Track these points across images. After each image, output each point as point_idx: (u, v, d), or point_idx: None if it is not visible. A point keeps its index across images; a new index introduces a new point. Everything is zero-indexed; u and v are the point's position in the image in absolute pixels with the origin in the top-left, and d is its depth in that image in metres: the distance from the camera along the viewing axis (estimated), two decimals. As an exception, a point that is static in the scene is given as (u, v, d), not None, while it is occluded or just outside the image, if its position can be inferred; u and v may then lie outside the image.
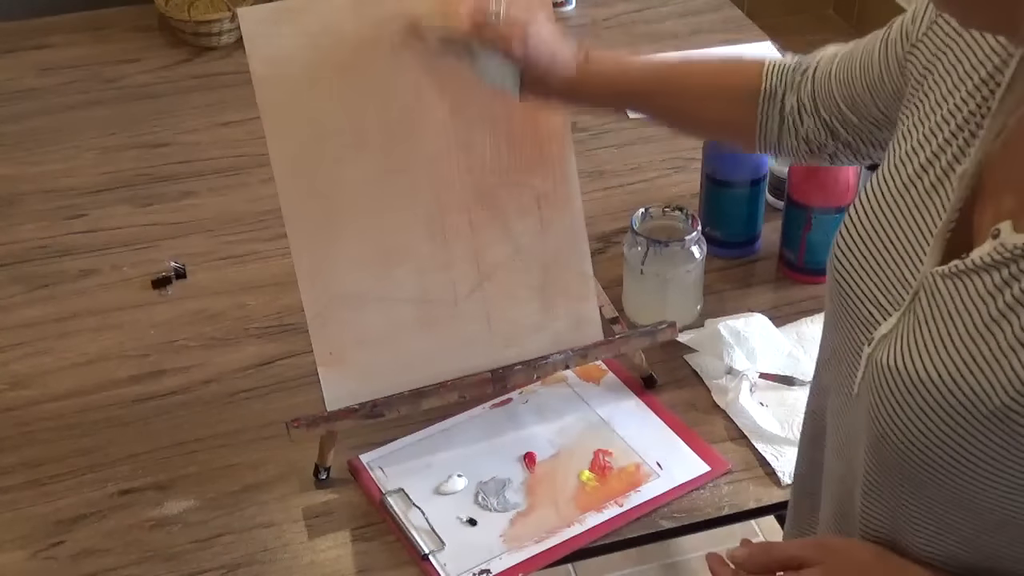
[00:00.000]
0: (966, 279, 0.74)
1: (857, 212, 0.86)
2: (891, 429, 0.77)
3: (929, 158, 0.81)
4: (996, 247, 0.72)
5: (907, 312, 0.78)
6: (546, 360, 1.28)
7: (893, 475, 0.80)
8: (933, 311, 0.75)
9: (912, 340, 0.76)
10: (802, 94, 1.04)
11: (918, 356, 0.75)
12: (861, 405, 0.82)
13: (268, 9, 1.17)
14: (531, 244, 1.28)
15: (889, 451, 0.78)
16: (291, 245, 1.21)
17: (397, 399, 1.24)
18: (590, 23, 2.21)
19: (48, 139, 1.88)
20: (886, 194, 0.83)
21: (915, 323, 0.77)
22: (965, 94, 0.80)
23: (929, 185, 0.80)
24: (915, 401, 0.74)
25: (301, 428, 1.21)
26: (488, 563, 1.16)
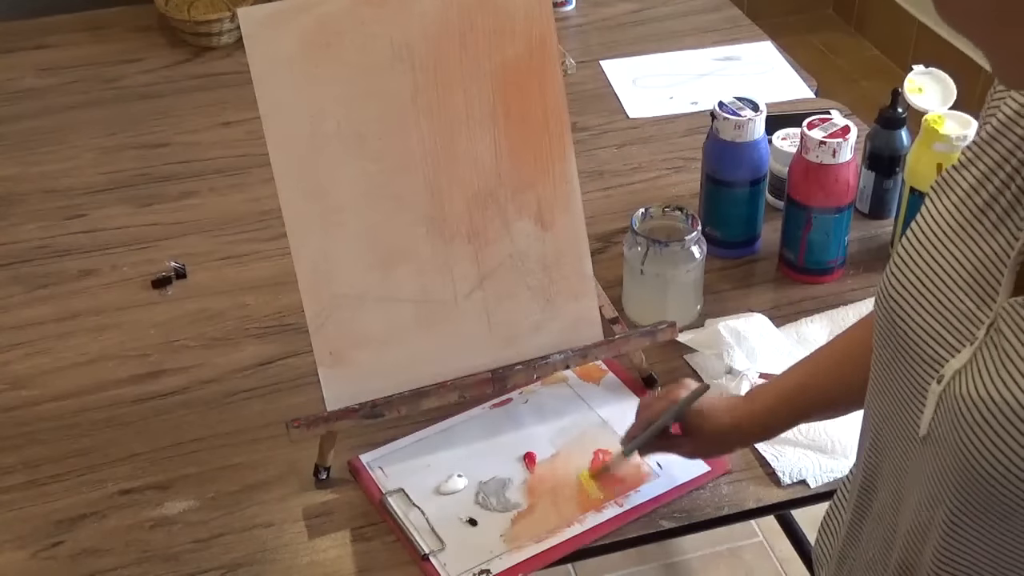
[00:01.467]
0: None
1: (913, 248, 0.84)
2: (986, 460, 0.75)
3: (994, 192, 0.80)
4: None
5: (983, 345, 0.76)
6: (546, 360, 1.28)
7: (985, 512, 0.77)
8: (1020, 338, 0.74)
9: (1001, 368, 0.74)
10: None
11: (1012, 382, 0.73)
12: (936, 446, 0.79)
13: (268, 9, 1.17)
14: (531, 244, 1.28)
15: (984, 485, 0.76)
16: (291, 245, 1.21)
17: (397, 399, 1.24)
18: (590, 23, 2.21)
19: (48, 139, 1.88)
20: (947, 231, 0.82)
21: (998, 354, 0.75)
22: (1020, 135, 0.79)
23: (997, 217, 0.79)
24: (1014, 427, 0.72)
25: (301, 428, 1.21)
26: (488, 563, 1.16)
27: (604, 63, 2.05)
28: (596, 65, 2.05)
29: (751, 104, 1.50)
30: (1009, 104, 0.81)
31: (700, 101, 1.91)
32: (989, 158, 0.81)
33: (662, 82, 1.99)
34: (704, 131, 1.58)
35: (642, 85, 1.99)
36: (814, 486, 1.23)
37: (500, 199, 1.26)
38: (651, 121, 1.89)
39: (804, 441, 1.27)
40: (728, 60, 2.06)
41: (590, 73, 2.03)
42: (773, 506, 1.24)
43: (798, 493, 1.23)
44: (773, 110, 1.58)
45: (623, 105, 1.94)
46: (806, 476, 1.24)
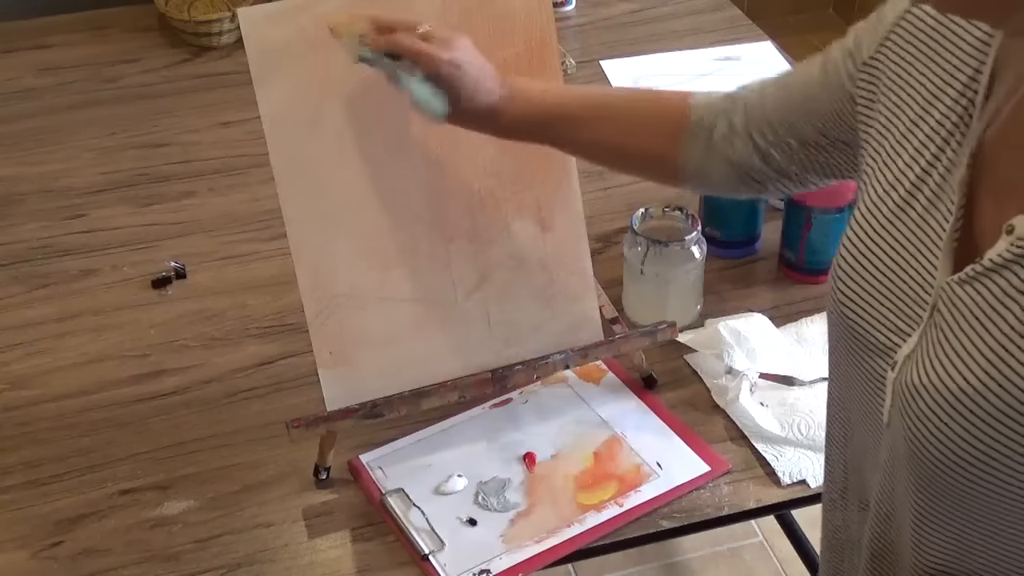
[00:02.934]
0: (987, 280, 0.72)
1: (853, 243, 0.85)
2: (936, 449, 0.74)
3: (921, 173, 0.80)
4: (1013, 242, 0.71)
5: (928, 328, 0.76)
6: (546, 360, 1.28)
7: (947, 499, 0.77)
8: (958, 320, 0.74)
9: (941, 354, 0.74)
10: (734, 120, 1.03)
11: (952, 368, 0.73)
12: (895, 434, 0.80)
13: (268, 9, 1.17)
14: (531, 244, 1.28)
15: (938, 474, 0.75)
16: (291, 245, 1.21)
17: (397, 399, 1.24)
18: (590, 23, 2.21)
19: (48, 139, 1.89)
20: (880, 218, 0.83)
21: (939, 336, 0.75)
22: (942, 110, 0.80)
23: (926, 201, 0.80)
24: (958, 414, 0.72)
25: (301, 428, 1.21)
26: (488, 563, 1.16)
27: (604, 63, 2.05)
28: (596, 65, 2.05)
29: (751, 104, 1.50)
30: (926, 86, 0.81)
31: (700, 101, 1.91)
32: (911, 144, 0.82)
33: (662, 82, 1.99)
34: (704, 131, 1.58)
35: (642, 85, 1.99)
36: (814, 486, 1.23)
37: (500, 199, 1.26)
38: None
39: (804, 441, 1.27)
40: (728, 60, 2.06)
41: (590, 73, 2.03)
42: (773, 506, 1.24)
43: (798, 493, 1.23)
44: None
45: (623, 105, 1.93)
46: (806, 476, 1.24)
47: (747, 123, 1.02)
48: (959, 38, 0.80)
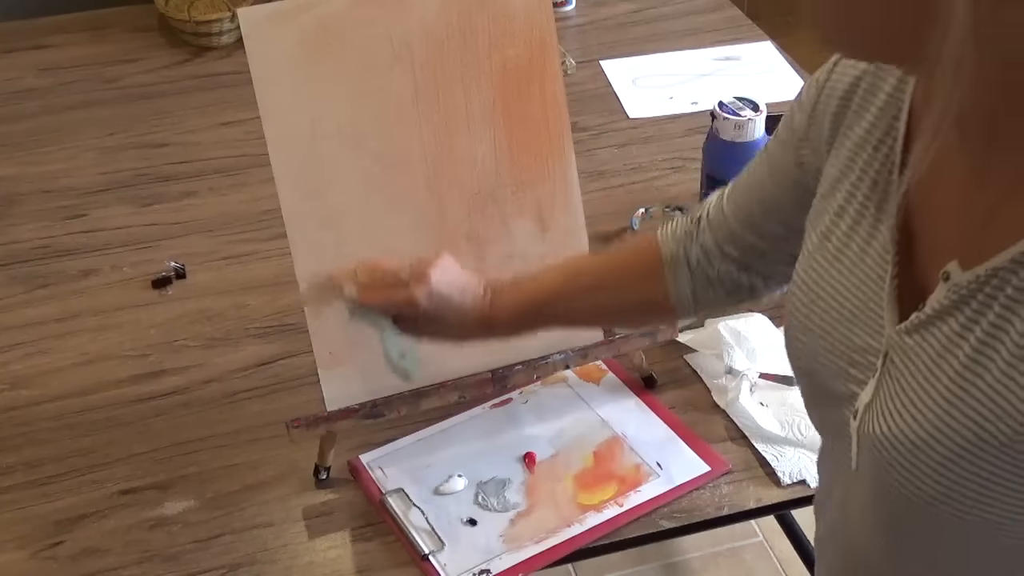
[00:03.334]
0: (932, 327, 0.73)
1: (798, 297, 0.85)
2: (902, 491, 0.75)
3: (851, 224, 0.81)
4: (950, 288, 0.71)
5: (883, 376, 0.77)
6: (546, 360, 1.28)
7: (915, 533, 0.78)
8: (910, 368, 0.74)
9: (898, 403, 0.75)
10: (704, 241, 1.04)
11: (910, 417, 0.74)
12: (866, 478, 0.80)
13: (268, 9, 1.17)
14: (531, 244, 1.28)
15: (905, 511, 0.76)
16: (291, 245, 1.21)
17: (397, 399, 1.24)
18: (590, 23, 2.21)
19: (48, 139, 1.88)
20: (820, 271, 0.83)
21: (895, 386, 0.75)
22: (866, 158, 0.80)
23: (859, 249, 0.80)
24: (920, 460, 0.73)
25: (301, 428, 1.21)
26: (488, 563, 1.16)
27: (604, 63, 2.05)
28: (596, 65, 2.05)
29: (751, 104, 1.50)
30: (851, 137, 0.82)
31: (700, 101, 1.91)
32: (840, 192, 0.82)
33: (662, 82, 1.99)
34: (704, 131, 1.58)
35: (642, 85, 1.99)
36: (814, 486, 1.23)
37: (500, 199, 1.26)
38: (651, 121, 1.89)
39: (804, 441, 1.27)
40: (728, 60, 2.06)
41: (590, 73, 2.03)
42: (773, 506, 1.24)
43: (798, 493, 1.23)
44: (773, 110, 1.58)
45: (623, 105, 1.94)
46: (806, 476, 1.24)
47: (716, 241, 1.02)
48: (877, 87, 0.81)
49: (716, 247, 1.03)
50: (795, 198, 0.91)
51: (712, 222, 1.03)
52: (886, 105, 0.80)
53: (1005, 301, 0.68)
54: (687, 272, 1.05)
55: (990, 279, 0.69)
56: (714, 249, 1.03)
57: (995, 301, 0.69)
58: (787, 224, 0.94)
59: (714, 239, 1.03)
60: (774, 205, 0.95)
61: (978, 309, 0.70)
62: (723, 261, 1.03)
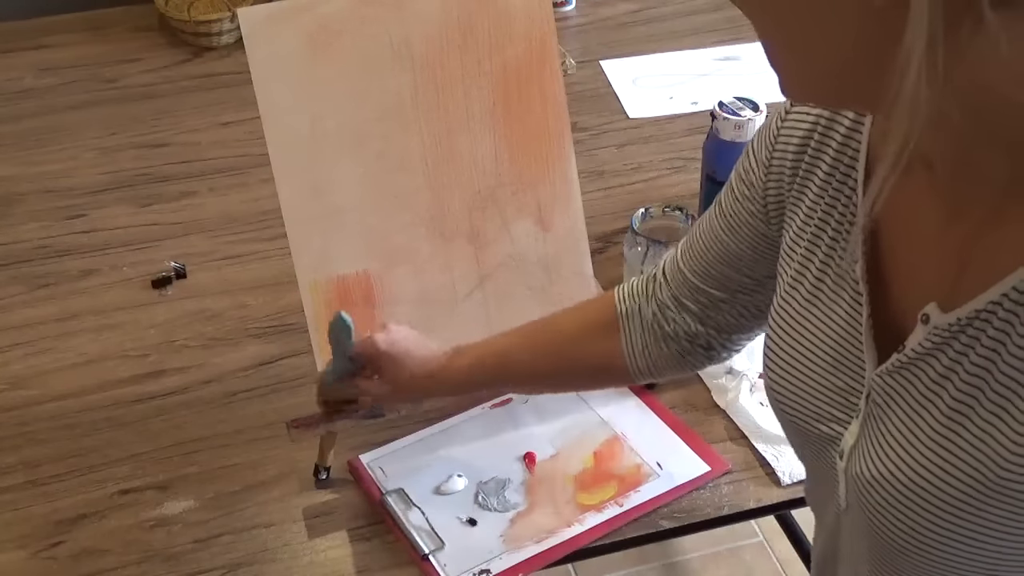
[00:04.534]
0: (914, 369, 0.73)
1: (774, 341, 0.85)
2: (891, 533, 0.75)
3: (820, 266, 0.81)
4: (930, 331, 0.71)
5: (867, 418, 0.77)
6: (546, 360, 1.28)
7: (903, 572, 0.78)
8: (894, 409, 0.74)
9: (884, 445, 0.75)
10: (661, 297, 1.03)
11: (897, 459, 0.73)
12: (854, 517, 0.80)
13: (268, 9, 1.17)
14: (531, 244, 1.28)
15: (893, 552, 0.76)
16: (291, 245, 1.21)
17: (397, 399, 1.24)
18: (590, 23, 2.21)
19: (48, 139, 1.88)
20: (794, 315, 0.83)
21: (879, 427, 0.76)
22: (828, 201, 0.80)
23: (831, 291, 0.80)
24: (910, 502, 0.73)
25: (301, 428, 1.21)
26: (488, 563, 1.16)
27: (604, 63, 2.05)
28: (596, 65, 2.05)
29: (751, 104, 1.50)
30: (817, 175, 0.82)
31: (700, 101, 1.91)
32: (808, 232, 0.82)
33: (662, 82, 1.99)
34: (704, 131, 1.58)
35: (642, 85, 1.99)
36: (814, 486, 1.23)
37: (500, 199, 1.26)
38: (651, 121, 1.89)
39: (804, 441, 1.27)
40: (728, 60, 2.06)
41: (590, 73, 2.03)
42: (773, 506, 1.24)
43: (798, 493, 1.23)
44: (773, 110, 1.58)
45: (623, 105, 1.94)
46: (806, 476, 1.24)
47: (673, 295, 1.02)
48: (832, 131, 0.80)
49: (673, 300, 1.02)
50: (756, 251, 0.92)
51: (669, 278, 1.03)
52: (842, 147, 0.79)
53: (987, 342, 0.68)
54: (640, 327, 1.05)
55: (972, 321, 0.69)
56: (671, 303, 1.03)
57: (977, 343, 0.69)
58: (750, 276, 0.94)
59: (671, 294, 1.02)
60: (736, 259, 0.95)
61: (961, 351, 0.70)
62: (678, 314, 1.02)
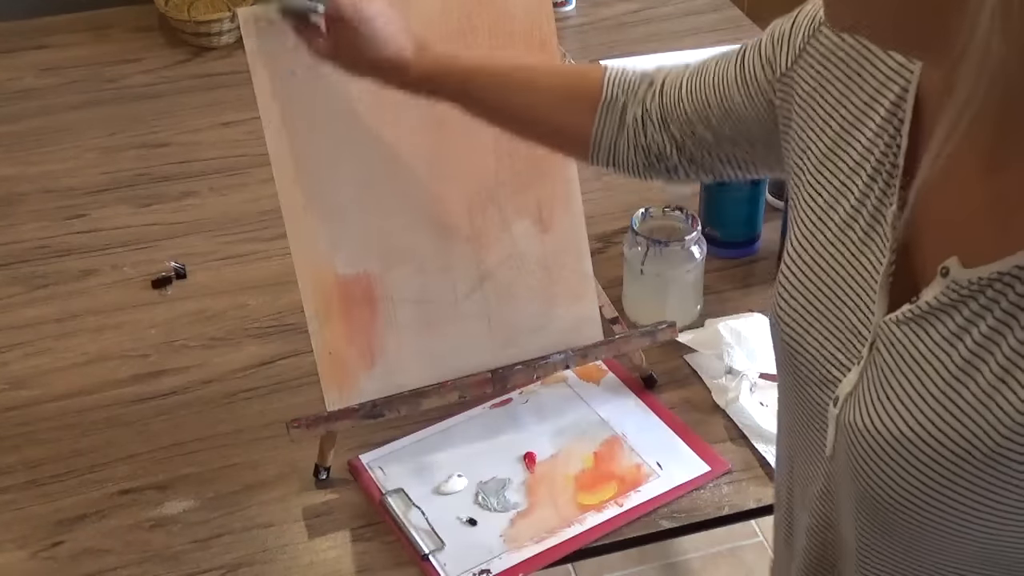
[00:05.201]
0: (924, 323, 0.71)
1: (791, 270, 0.83)
2: (880, 489, 0.74)
3: (855, 205, 0.78)
4: (948, 285, 0.69)
5: (868, 365, 0.75)
6: (546, 360, 1.28)
7: (888, 531, 0.77)
8: (897, 362, 0.73)
9: (883, 396, 0.73)
10: (648, 105, 1.00)
11: (895, 412, 0.72)
12: (840, 467, 0.79)
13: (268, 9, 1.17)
14: (531, 244, 1.28)
15: (881, 509, 0.75)
16: (291, 245, 1.21)
17: (397, 399, 1.24)
18: (590, 23, 2.21)
19: (48, 139, 1.88)
20: (818, 248, 0.81)
21: (880, 377, 0.74)
22: (869, 137, 0.77)
23: (862, 232, 0.78)
24: (902, 458, 0.71)
25: (301, 428, 1.21)
26: (488, 563, 1.16)
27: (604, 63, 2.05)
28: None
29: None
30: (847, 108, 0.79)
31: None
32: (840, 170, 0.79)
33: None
34: (704, 131, 1.58)
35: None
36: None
37: (500, 199, 1.26)
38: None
39: (804, 441, 1.27)
40: (728, 60, 2.05)
41: (590, 73, 2.02)
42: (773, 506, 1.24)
43: (798, 493, 1.23)
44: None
45: (623, 105, 1.93)
46: (806, 476, 1.24)
47: (662, 110, 0.99)
48: (879, 60, 0.78)
49: (660, 119, 0.99)
50: (757, 115, 0.89)
51: (666, 95, 0.99)
52: (887, 82, 0.76)
53: (1007, 306, 0.67)
54: (617, 123, 1.01)
55: (993, 283, 0.67)
56: (656, 119, 0.99)
57: (996, 305, 0.67)
58: (741, 132, 0.91)
59: (660, 111, 0.99)
60: (736, 112, 0.92)
61: (978, 311, 0.68)
62: (658, 131, 0.99)
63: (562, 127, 1.05)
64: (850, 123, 0.79)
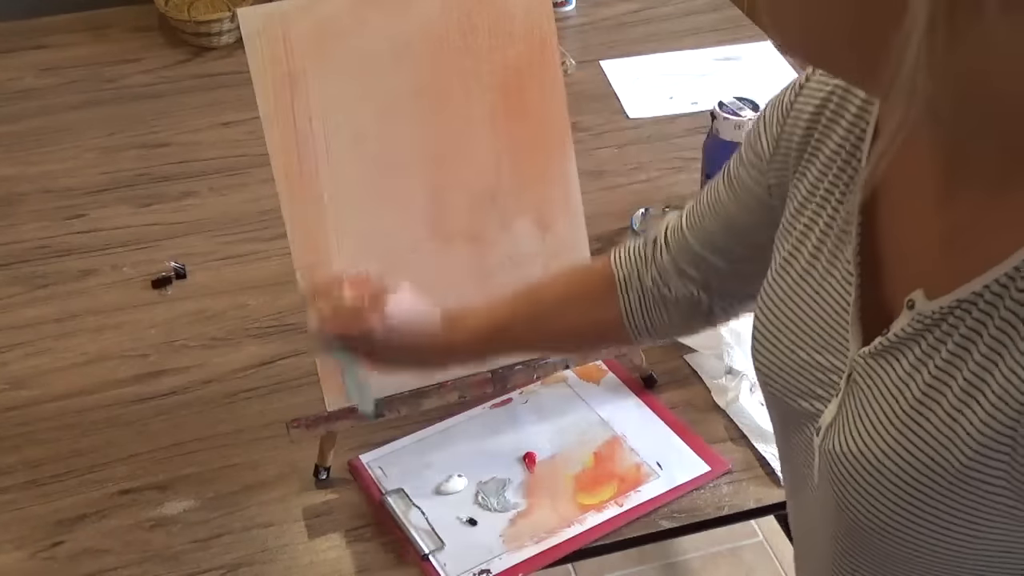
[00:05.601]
0: (896, 353, 0.73)
1: (764, 316, 0.85)
2: (856, 511, 0.76)
3: (816, 244, 0.80)
4: (914, 317, 0.72)
5: (846, 397, 0.77)
6: (546, 360, 1.28)
7: (864, 554, 0.79)
8: (872, 391, 0.75)
9: (859, 424, 0.76)
10: (661, 263, 1.02)
11: (868, 438, 0.74)
12: (824, 495, 0.81)
13: (268, 9, 1.17)
14: (531, 244, 1.28)
15: (857, 532, 0.77)
16: (291, 245, 1.21)
17: (397, 399, 1.24)
18: (590, 23, 2.21)
19: (48, 139, 1.89)
20: (786, 291, 0.83)
21: (857, 407, 0.76)
22: (831, 181, 0.80)
23: (824, 271, 0.80)
24: (876, 481, 0.74)
25: (301, 428, 1.21)
26: (488, 563, 1.16)
27: (604, 63, 2.05)
28: (596, 65, 2.05)
29: (751, 104, 1.50)
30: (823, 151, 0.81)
31: (700, 101, 1.91)
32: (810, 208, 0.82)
33: (662, 82, 1.99)
34: (704, 131, 1.58)
35: (642, 85, 1.99)
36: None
37: (500, 199, 1.26)
38: (651, 121, 1.89)
39: (804, 441, 1.27)
40: (728, 60, 2.05)
41: (590, 73, 2.03)
42: (773, 506, 1.24)
43: (798, 493, 1.23)
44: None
45: (623, 105, 1.94)
46: (806, 476, 1.24)
47: (675, 262, 1.01)
48: (844, 107, 0.80)
49: (674, 268, 1.01)
50: (760, 219, 0.91)
51: (671, 244, 1.02)
52: (852, 125, 0.79)
53: (965, 331, 0.69)
54: (639, 294, 1.04)
55: (953, 310, 0.69)
56: (672, 270, 1.01)
57: (956, 331, 0.69)
58: (752, 245, 0.93)
59: (672, 261, 1.01)
60: (739, 227, 0.94)
61: (939, 338, 0.70)
62: (681, 281, 1.01)
63: (599, 329, 1.09)
64: (824, 164, 0.81)
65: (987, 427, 0.67)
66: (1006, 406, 0.66)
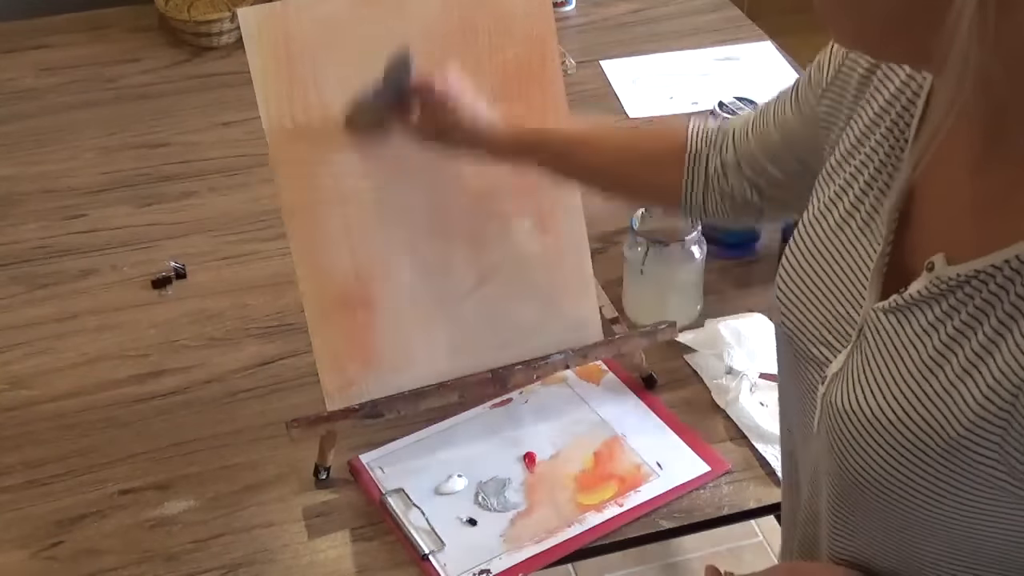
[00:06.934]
0: (908, 313, 0.75)
1: (794, 255, 0.87)
2: (851, 466, 0.78)
3: (858, 195, 0.82)
4: (932, 280, 0.73)
5: (855, 349, 0.79)
6: (546, 360, 1.28)
7: (857, 508, 0.81)
8: (879, 347, 0.77)
9: (862, 378, 0.77)
10: (725, 155, 1.06)
11: (870, 394, 0.76)
12: (821, 443, 0.83)
13: (268, 9, 1.17)
14: (531, 244, 1.28)
15: (851, 486, 0.79)
16: (291, 245, 1.21)
17: (397, 399, 1.24)
18: (590, 23, 2.21)
19: (48, 139, 1.88)
20: (820, 236, 0.85)
21: (863, 361, 0.78)
22: (880, 135, 0.82)
23: (861, 223, 0.82)
24: (871, 438, 0.75)
25: (301, 428, 1.21)
26: (488, 563, 1.16)
27: (604, 63, 2.05)
28: (596, 65, 2.05)
29: (751, 104, 1.50)
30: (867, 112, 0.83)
31: (700, 101, 1.91)
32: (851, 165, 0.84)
33: (662, 82, 1.99)
34: (704, 131, 1.58)
35: (642, 85, 1.99)
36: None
37: (500, 200, 1.26)
38: (651, 121, 1.89)
39: (804, 441, 1.27)
40: (728, 60, 2.06)
41: (590, 73, 2.03)
42: (773, 506, 1.24)
43: (798, 493, 1.23)
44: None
45: (623, 105, 1.94)
46: (806, 476, 1.24)
47: (737, 160, 1.05)
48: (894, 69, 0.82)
49: (736, 165, 1.05)
50: (812, 139, 0.92)
51: (737, 142, 1.05)
52: (904, 86, 0.81)
53: (979, 303, 0.70)
54: (703, 175, 1.07)
55: (970, 279, 0.71)
56: (733, 166, 1.05)
57: (971, 301, 0.71)
58: (805, 163, 0.95)
59: (735, 157, 1.05)
60: (796, 141, 0.97)
61: (953, 305, 0.72)
62: (739, 178, 1.05)
63: (653, 185, 1.12)
64: (867, 126, 0.83)
65: (987, 400, 0.69)
66: (1005, 384, 0.68)
